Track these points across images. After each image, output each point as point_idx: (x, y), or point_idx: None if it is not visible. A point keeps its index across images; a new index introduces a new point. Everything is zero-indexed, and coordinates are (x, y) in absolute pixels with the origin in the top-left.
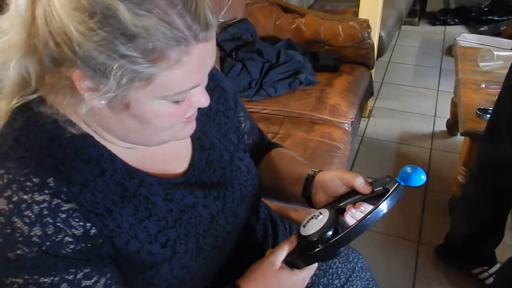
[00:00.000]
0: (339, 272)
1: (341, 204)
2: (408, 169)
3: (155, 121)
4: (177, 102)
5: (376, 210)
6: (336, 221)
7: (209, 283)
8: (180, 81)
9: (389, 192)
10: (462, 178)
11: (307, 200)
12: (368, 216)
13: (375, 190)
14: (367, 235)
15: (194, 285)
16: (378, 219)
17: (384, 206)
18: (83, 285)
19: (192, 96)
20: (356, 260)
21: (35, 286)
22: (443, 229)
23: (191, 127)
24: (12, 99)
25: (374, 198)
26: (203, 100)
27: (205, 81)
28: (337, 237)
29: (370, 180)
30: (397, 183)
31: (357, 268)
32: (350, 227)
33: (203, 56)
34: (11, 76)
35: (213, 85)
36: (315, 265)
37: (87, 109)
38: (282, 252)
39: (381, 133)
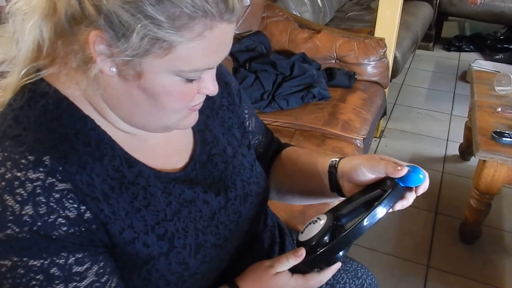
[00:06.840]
0: None
1: (343, 208)
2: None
3: (165, 98)
4: (189, 81)
5: (373, 212)
6: (334, 225)
7: (211, 284)
8: (198, 57)
9: (386, 193)
10: (475, 202)
11: (338, 192)
12: (366, 218)
13: (374, 192)
14: (375, 255)
15: (194, 284)
16: (377, 221)
17: (381, 208)
18: (74, 271)
19: (202, 81)
20: (365, 276)
21: (23, 269)
22: (453, 254)
23: (194, 117)
24: (21, 70)
25: (375, 200)
26: (211, 88)
27: (215, 70)
28: (335, 240)
29: (401, 162)
30: (395, 184)
31: (365, 285)
32: (347, 229)
33: (224, 36)
34: (26, 40)
35: (217, 80)
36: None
37: (94, 79)
38: (285, 264)
39: (392, 154)
